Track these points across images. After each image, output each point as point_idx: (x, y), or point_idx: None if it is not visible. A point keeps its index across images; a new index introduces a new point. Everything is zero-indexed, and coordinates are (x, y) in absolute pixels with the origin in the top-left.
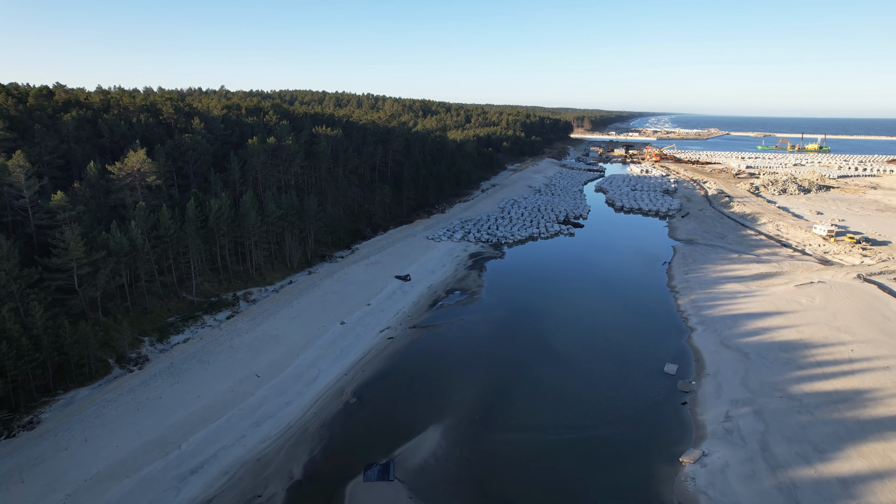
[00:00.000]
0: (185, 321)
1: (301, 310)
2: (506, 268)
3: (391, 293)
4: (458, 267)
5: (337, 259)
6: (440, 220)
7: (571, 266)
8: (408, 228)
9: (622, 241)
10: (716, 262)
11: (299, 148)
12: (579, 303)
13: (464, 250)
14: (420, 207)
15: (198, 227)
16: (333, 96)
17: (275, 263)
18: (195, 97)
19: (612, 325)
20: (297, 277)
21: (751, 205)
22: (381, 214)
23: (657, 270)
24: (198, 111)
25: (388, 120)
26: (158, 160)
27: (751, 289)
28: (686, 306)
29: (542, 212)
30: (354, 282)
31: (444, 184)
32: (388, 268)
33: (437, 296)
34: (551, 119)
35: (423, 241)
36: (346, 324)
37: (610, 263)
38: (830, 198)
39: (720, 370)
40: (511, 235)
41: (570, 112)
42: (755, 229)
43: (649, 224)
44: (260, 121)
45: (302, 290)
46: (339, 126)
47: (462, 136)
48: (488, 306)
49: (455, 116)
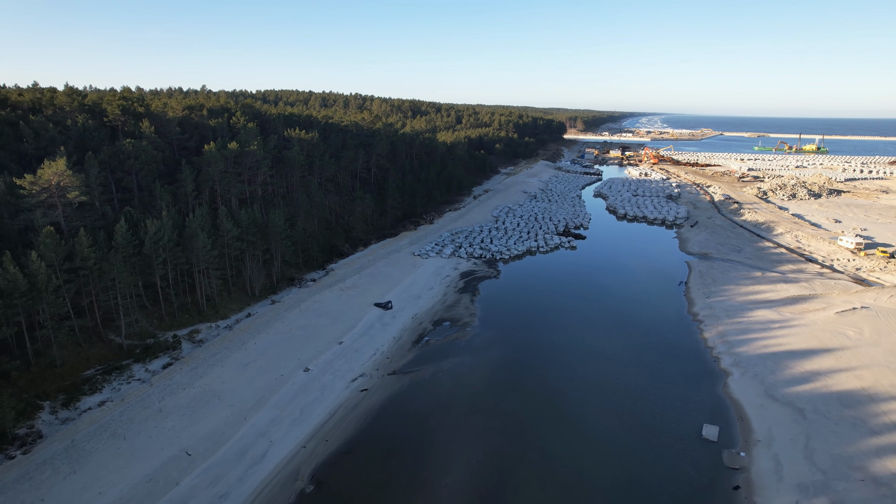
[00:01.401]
0: (107, 375)
1: (257, 353)
2: (502, 290)
3: (368, 326)
4: (447, 290)
5: (308, 283)
6: (428, 233)
7: (577, 289)
8: (392, 243)
9: (630, 256)
10: (738, 281)
11: (266, 154)
12: (589, 338)
13: (454, 268)
14: (406, 218)
15: (129, 253)
16: (320, 96)
17: (232, 292)
18: (152, 97)
19: (630, 369)
20: (258, 309)
21: (763, 212)
22: (362, 227)
23: (674, 293)
24: (150, 112)
25: (373, 121)
26: (89, 171)
27: (785, 316)
28: (714, 341)
29: (540, 221)
30: (326, 312)
31: (433, 191)
32: (366, 293)
33: (423, 329)
34: (544, 119)
35: (409, 258)
36: (312, 371)
37: (620, 285)
38: (844, 203)
39: (773, 435)
40: (507, 250)
41: (562, 112)
42: (773, 241)
43: (656, 235)
44: (224, 123)
45: (261, 325)
46: (317, 128)
47: (453, 138)
48: (483, 343)
49: (445, 117)
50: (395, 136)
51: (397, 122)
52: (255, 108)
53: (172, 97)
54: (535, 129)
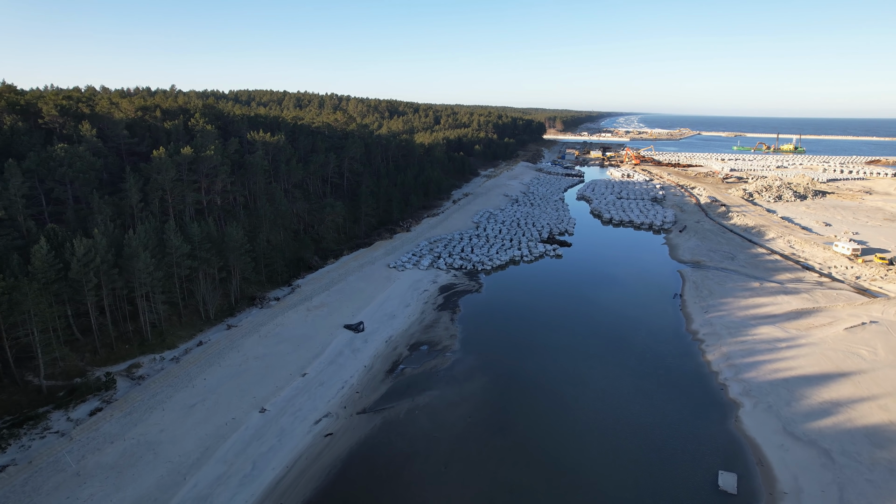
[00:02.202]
0: (16, 428)
1: (206, 391)
2: (484, 307)
3: (337, 353)
4: (425, 307)
5: (270, 303)
6: (405, 241)
7: (565, 303)
8: (365, 254)
9: (619, 264)
10: (736, 293)
11: (225, 159)
12: (582, 364)
13: (433, 282)
14: (382, 225)
15: (51, 279)
16: (294, 96)
17: (183, 316)
18: (101, 96)
19: (630, 402)
20: (212, 335)
21: (751, 216)
22: (333, 237)
23: (669, 307)
24: (95, 114)
25: (347, 122)
26: (10, 181)
27: (791, 334)
28: (719, 364)
29: (523, 227)
30: (289, 338)
31: (411, 195)
32: (335, 313)
33: (398, 355)
34: (524, 120)
35: (384, 271)
36: (269, 411)
37: (611, 299)
38: (830, 205)
39: (801, 486)
40: (489, 260)
41: (540, 112)
42: (765, 247)
43: (644, 240)
44: (181, 125)
45: (214, 355)
46: (285, 130)
47: (431, 140)
48: (465, 371)
49: (423, 118)
50: (369, 138)
51: (373, 123)
52: (218, 108)
53: (127, 97)
54: (514, 130)
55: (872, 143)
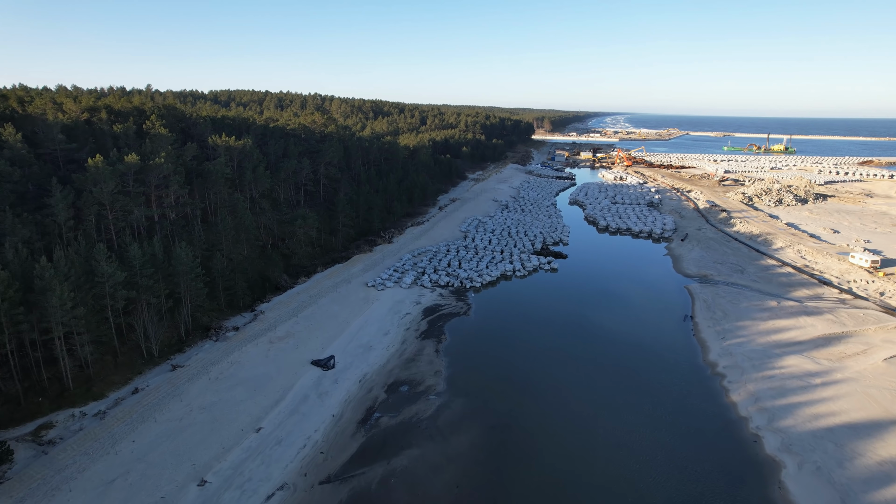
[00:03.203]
0: None
1: (133, 458)
2: (473, 333)
3: (301, 398)
4: (406, 335)
5: (227, 334)
6: (386, 255)
7: (563, 329)
8: (341, 270)
9: (620, 280)
10: (753, 315)
11: (179, 167)
12: (588, 409)
13: (416, 303)
14: (361, 236)
15: None
16: (276, 96)
17: (119, 355)
18: (37, 94)
19: (651, 459)
20: (152, 379)
21: (754, 222)
22: (306, 252)
23: (680, 332)
24: (26, 115)
25: (325, 123)
26: None
27: (822, 365)
28: (747, 407)
29: (514, 236)
30: (245, 379)
31: (394, 202)
32: (302, 345)
33: (374, 398)
34: (512, 120)
35: (361, 291)
36: (210, 484)
37: (615, 322)
38: (833, 209)
39: None
40: (478, 276)
41: (528, 112)
42: (775, 257)
43: (644, 250)
44: (131, 129)
45: (150, 406)
46: (254, 133)
47: (416, 142)
48: (452, 421)
49: (409, 118)
50: (350, 141)
51: (356, 124)
52: (179, 109)
53: (72, 97)
54: (503, 131)
55: (861, 143)
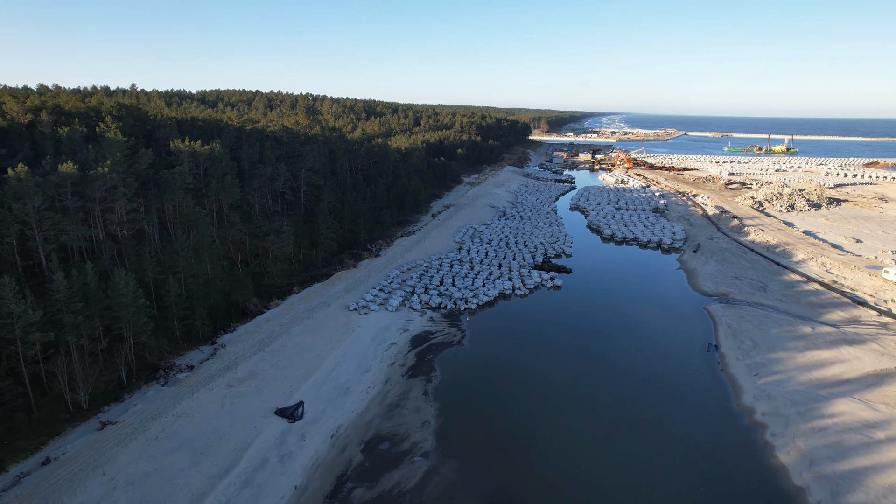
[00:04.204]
0: None
1: None
2: (468, 370)
3: (258, 464)
4: (391, 372)
5: (178, 376)
6: (372, 271)
7: (573, 363)
8: (321, 290)
9: (631, 300)
10: (786, 343)
11: (129, 178)
12: (608, 477)
13: (403, 329)
14: (346, 249)
15: None
16: (266, 96)
17: (35, 411)
18: None
19: None
20: (71, 443)
21: (769, 230)
22: (282, 269)
23: (705, 367)
24: None
25: (310, 125)
26: None
27: (881, 412)
28: (801, 473)
29: (513, 247)
30: (191, 438)
31: (382, 211)
32: (266, 388)
33: (347, 460)
34: (508, 120)
35: (341, 316)
36: None
37: (630, 354)
38: (849, 215)
39: None
40: (473, 295)
41: (524, 112)
42: (798, 272)
43: (654, 263)
44: (75, 132)
45: (60, 485)
46: (226, 136)
47: (408, 144)
48: (441, 494)
49: (403, 119)
50: (335, 143)
51: (347, 125)
52: (142, 110)
53: (16, 96)
54: (499, 131)
55: (861, 143)
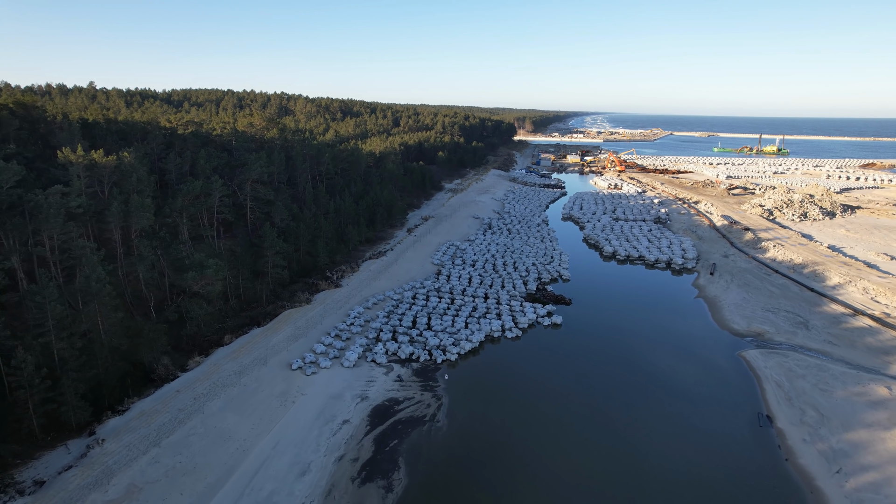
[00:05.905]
0: None
1: None
2: (446, 462)
3: None
4: (337, 474)
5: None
6: (329, 308)
7: (584, 447)
8: (258, 340)
9: (647, 343)
10: (862, 414)
11: None
12: None
13: (361, 398)
14: (301, 277)
15: None
16: (237, 95)
17: None
18: None
19: None
20: None
21: (789, 245)
22: (208, 314)
23: (763, 455)
24: None
25: (266, 127)
26: None
27: None
28: None
29: (500, 270)
30: None
31: (348, 227)
32: None
33: None
34: (493, 121)
35: (280, 379)
36: None
37: (660, 436)
38: (869, 225)
39: None
40: (453, 343)
41: (508, 112)
42: (839, 300)
43: (666, 289)
44: None
45: None
46: (151, 142)
47: (384, 146)
48: None
49: (381, 119)
50: (294, 148)
51: (319, 126)
52: (38, 108)
53: None
54: (483, 132)
55: (852, 143)
